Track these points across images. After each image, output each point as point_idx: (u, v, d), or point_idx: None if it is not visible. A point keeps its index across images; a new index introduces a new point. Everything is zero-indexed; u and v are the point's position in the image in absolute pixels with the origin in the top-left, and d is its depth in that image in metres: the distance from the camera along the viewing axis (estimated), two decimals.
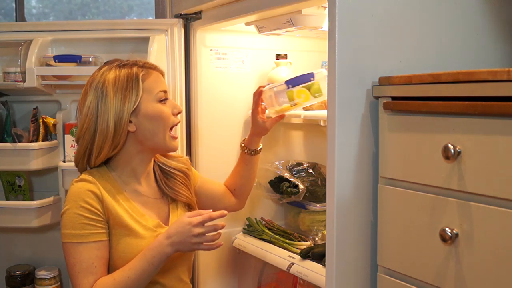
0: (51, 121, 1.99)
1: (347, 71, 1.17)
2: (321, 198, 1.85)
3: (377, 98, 1.19)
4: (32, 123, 1.94)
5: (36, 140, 1.95)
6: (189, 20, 1.93)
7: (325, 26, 1.41)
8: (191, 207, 1.54)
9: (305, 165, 1.98)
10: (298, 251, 1.70)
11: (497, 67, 1.19)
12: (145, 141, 1.41)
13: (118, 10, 3.95)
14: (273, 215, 2.09)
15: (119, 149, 1.39)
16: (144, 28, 1.95)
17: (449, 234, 1.00)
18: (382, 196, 1.18)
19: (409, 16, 1.25)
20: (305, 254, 1.66)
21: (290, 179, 1.86)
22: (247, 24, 1.77)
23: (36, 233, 2.11)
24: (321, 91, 1.55)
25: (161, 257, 1.32)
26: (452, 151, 0.98)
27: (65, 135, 1.96)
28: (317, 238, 1.81)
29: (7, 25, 2.17)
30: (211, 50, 1.96)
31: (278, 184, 1.89)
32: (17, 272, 2.04)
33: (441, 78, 1.02)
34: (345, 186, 1.18)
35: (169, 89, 1.75)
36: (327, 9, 1.18)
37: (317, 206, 1.86)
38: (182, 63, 1.93)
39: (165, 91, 1.44)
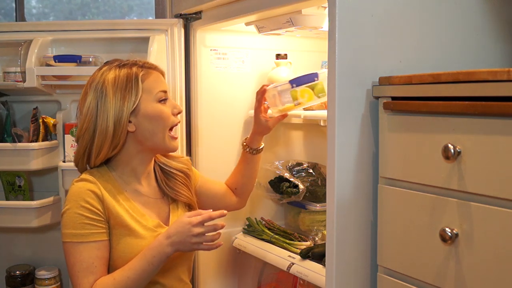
0: (51, 121, 1.99)
1: (347, 71, 1.17)
2: (321, 198, 1.85)
3: (377, 98, 1.19)
4: (32, 123, 1.94)
5: (36, 140, 1.94)
6: (189, 20, 1.93)
7: (325, 26, 1.41)
8: (191, 207, 1.54)
9: (305, 165, 1.98)
10: (298, 251, 1.70)
11: (497, 67, 1.19)
12: (145, 141, 1.41)
13: (118, 10, 3.95)
14: (273, 215, 2.09)
15: (119, 149, 1.39)
16: (144, 28, 1.95)
17: (449, 234, 1.00)
18: (382, 196, 1.18)
19: (409, 16, 1.25)
20: (305, 254, 1.66)
21: (290, 179, 1.86)
22: (247, 24, 1.77)
23: (36, 233, 2.11)
24: (325, 91, 1.55)
25: (161, 257, 1.32)
26: (452, 151, 0.98)
27: (65, 135, 1.96)
28: (317, 238, 1.81)
29: (7, 25, 2.17)
30: (211, 50, 1.96)
31: (278, 184, 1.89)
32: (17, 272, 2.04)
33: (441, 78, 1.02)
34: (345, 186, 1.18)
35: (169, 89, 1.75)
36: (327, 9, 1.18)
37: (317, 206, 1.86)
38: (182, 63, 1.93)
39: (165, 91, 1.44)
